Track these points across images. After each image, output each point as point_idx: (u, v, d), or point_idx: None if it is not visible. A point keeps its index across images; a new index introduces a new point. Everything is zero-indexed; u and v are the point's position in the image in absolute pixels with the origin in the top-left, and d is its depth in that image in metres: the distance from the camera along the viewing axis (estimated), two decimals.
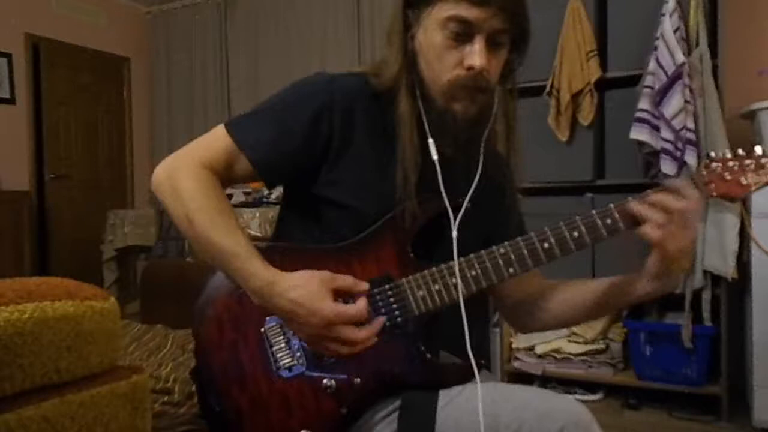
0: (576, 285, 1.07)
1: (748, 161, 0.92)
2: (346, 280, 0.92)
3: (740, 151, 0.93)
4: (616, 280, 1.01)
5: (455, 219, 0.98)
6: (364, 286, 0.93)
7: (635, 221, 0.92)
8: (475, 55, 0.93)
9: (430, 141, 0.99)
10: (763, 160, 0.92)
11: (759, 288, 2.32)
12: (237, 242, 0.91)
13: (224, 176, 0.99)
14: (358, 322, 0.89)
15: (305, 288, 0.88)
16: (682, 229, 0.89)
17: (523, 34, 0.98)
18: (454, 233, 0.97)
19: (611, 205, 0.94)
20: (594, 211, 0.94)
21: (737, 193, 0.93)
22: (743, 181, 0.92)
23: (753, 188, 0.92)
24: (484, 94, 0.97)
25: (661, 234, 0.88)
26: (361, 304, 0.90)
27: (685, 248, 0.90)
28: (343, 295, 0.91)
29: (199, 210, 0.93)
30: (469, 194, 1.00)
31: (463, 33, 0.93)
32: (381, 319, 0.92)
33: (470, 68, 0.94)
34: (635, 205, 0.91)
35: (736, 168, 0.93)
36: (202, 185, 0.95)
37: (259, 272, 0.90)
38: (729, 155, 0.93)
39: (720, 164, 0.93)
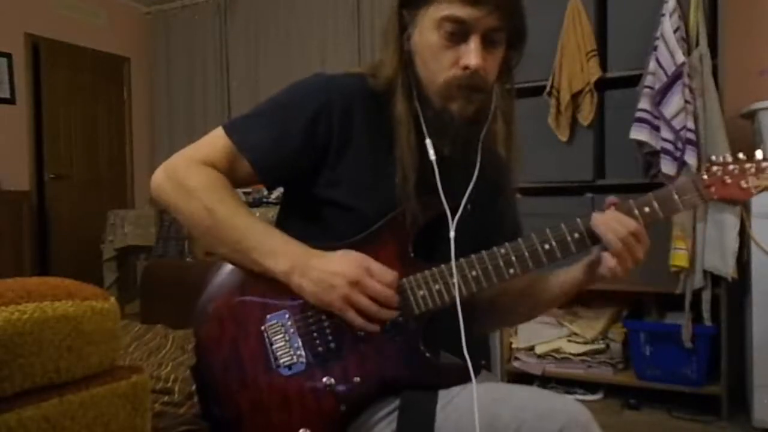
0: (540, 281, 1.09)
1: (748, 165, 0.93)
2: (379, 265, 0.93)
3: (741, 155, 0.93)
4: (568, 275, 1.03)
5: (453, 219, 0.98)
6: (395, 273, 0.94)
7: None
8: (471, 54, 0.93)
9: (428, 141, 0.99)
10: (764, 164, 0.92)
11: (759, 288, 2.32)
12: (264, 223, 0.96)
13: (227, 177, 1.00)
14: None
15: (341, 254, 0.93)
16: (632, 254, 0.92)
17: (519, 32, 0.98)
18: (452, 234, 0.97)
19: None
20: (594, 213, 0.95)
21: (738, 197, 0.93)
22: (743, 184, 0.93)
23: (754, 192, 0.93)
24: (481, 94, 0.97)
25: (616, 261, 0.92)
26: (391, 275, 0.93)
27: (630, 267, 0.94)
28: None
29: (219, 200, 0.95)
30: (467, 194, 1.00)
31: (458, 32, 0.93)
32: (395, 313, 0.93)
33: (466, 68, 0.94)
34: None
35: (736, 172, 0.93)
36: (212, 178, 0.97)
37: (295, 242, 0.94)
38: (730, 159, 0.93)
39: (721, 168, 0.93)
